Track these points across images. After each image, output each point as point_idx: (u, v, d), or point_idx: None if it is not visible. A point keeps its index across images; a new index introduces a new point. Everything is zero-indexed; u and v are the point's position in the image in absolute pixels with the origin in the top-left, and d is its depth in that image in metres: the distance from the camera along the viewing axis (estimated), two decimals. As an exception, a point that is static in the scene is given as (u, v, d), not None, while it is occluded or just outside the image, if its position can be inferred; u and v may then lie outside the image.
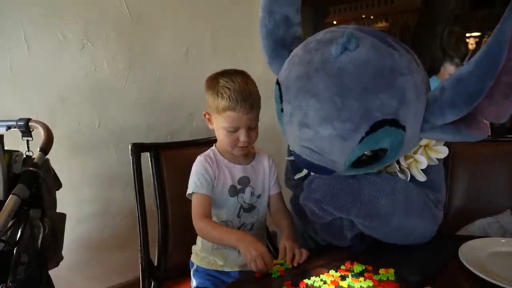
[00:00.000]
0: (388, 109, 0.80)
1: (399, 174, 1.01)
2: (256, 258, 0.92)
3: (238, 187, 1.15)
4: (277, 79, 0.95)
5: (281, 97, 0.92)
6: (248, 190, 1.17)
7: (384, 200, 0.96)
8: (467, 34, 4.94)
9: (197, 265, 1.22)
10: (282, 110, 0.92)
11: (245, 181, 1.17)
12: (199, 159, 1.15)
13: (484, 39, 5.20)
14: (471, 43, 5.13)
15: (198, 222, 1.07)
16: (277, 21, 0.98)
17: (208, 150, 1.19)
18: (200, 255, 1.21)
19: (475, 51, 4.19)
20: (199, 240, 1.23)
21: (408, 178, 1.02)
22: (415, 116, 0.84)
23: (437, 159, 1.03)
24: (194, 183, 1.10)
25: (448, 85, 0.80)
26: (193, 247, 1.26)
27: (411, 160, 1.02)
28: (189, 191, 1.12)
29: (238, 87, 1.06)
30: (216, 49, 2.13)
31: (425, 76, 0.88)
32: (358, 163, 0.88)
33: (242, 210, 1.17)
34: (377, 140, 0.83)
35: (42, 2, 1.62)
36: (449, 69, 3.36)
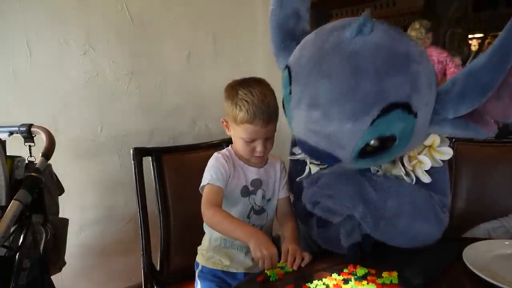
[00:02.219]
0: (401, 92, 0.79)
1: (404, 177, 1.01)
2: (266, 258, 0.92)
3: (251, 188, 1.16)
4: (286, 64, 0.94)
5: (290, 80, 0.90)
6: (259, 192, 1.17)
7: (391, 202, 0.95)
8: (470, 36, 4.94)
9: (202, 266, 1.22)
10: (290, 92, 0.90)
11: (257, 183, 1.17)
12: (216, 155, 1.16)
13: (487, 41, 5.19)
14: (474, 44, 5.13)
15: (209, 209, 1.06)
16: (287, 13, 0.98)
17: (225, 150, 1.20)
18: (206, 255, 1.21)
19: (478, 52, 4.19)
20: (205, 240, 1.23)
21: (414, 181, 1.01)
22: (426, 106, 0.83)
23: (441, 160, 1.02)
24: (210, 176, 1.10)
25: (460, 77, 0.79)
26: (199, 248, 1.26)
27: (415, 161, 1.01)
28: (203, 183, 1.11)
29: (256, 100, 1.05)
30: (218, 54, 2.13)
31: (433, 67, 0.88)
32: (365, 153, 0.86)
33: (252, 212, 1.17)
34: (389, 124, 0.81)
35: (44, 8, 1.63)
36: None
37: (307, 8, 1.00)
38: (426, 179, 1.01)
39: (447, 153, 1.01)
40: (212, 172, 1.11)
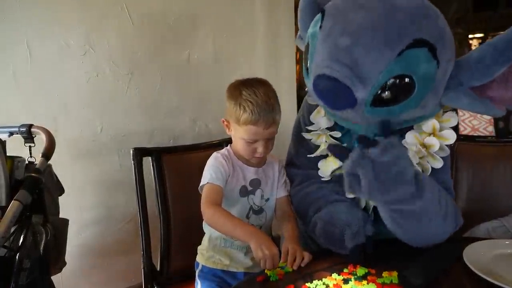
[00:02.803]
0: (431, 33, 0.84)
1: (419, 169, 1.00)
2: (267, 258, 0.92)
3: (249, 188, 1.16)
4: (321, 10, 0.96)
5: (322, 18, 0.92)
6: (258, 192, 1.18)
7: (428, 195, 0.89)
8: (470, 36, 4.94)
9: (202, 265, 1.22)
10: (320, 27, 0.91)
11: (256, 183, 1.17)
12: (215, 155, 1.16)
13: (487, 40, 5.17)
14: (474, 44, 5.12)
15: (209, 208, 1.05)
16: None
17: (224, 149, 1.20)
18: (206, 254, 1.21)
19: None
20: (205, 239, 1.23)
21: (428, 173, 1.00)
22: (447, 62, 0.87)
23: (443, 158, 1.02)
24: (210, 175, 1.10)
25: (479, 47, 0.86)
26: (199, 248, 1.26)
27: (424, 149, 1.01)
28: (203, 182, 1.11)
29: (260, 101, 1.05)
30: (218, 54, 2.13)
31: (452, 38, 0.93)
32: (380, 101, 0.87)
33: (251, 212, 1.17)
34: (414, 60, 0.84)
35: (44, 9, 1.63)
36: None
37: None
38: (438, 163, 1.00)
39: (451, 137, 1.00)
40: (212, 171, 1.11)
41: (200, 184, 1.12)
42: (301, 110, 1.23)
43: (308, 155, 1.15)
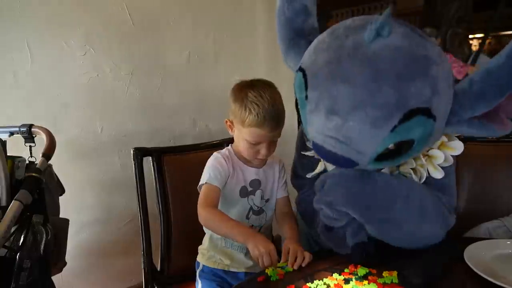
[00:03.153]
0: (422, 97, 0.78)
1: (413, 175, 1.00)
2: (264, 254, 0.92)
3: (249, 189, 1.17)
4: (300, 66, 0.91)
5: (305, 84, 0.87)
6: (258, 193, 1.18)
7: (400, 205, 0.94)
8: (470, 36, 4.93)
9: (203, 265, 1.22)
10: (306, 97, 0.88)
11: (256, 184, 1.18)
12: (216, 155, 1.16)
13: (487, 40, 5.18)
14: (475, 44, 5.12)
15: (205, 210, 1.05)
16: (296, 10, 0.96)
17: (224, 149, 1.20)
18: (207, 254, 1.21)
19: (478, 52, 4.18)
20: (206, 239, 1.23)
21: (423, 180, 1.00)
22: (445, 107, 0.83)
23: (451, 157, 1.01)
24: (208, 175, 1.10)
25: (477, 78, 0.80)
26: (199, 247, 1.26)
27: (426, 157, 1.00)
28: (201, 182, 1.11)
29: (267, 104, 1.04)
30: (218, 54, 2.13)
31: (450, 67, 0.87)
32: (382, 156, 0.86)
33: (251, 212, 1.17)
34: (409, 129, 0.80)
35: (45, 9, 1.63)
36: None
37: (314, 1, 0.98)
38: (438, 174, 0.99)
39: (458, 147, 0.99)
40: (211, 171, 1.11)
41: (199, 184, 1.12)
42: None
43: (307, 175, 1.15)
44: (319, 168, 1.10)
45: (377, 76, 0.77)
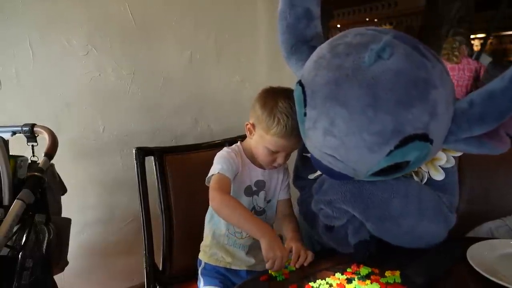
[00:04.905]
0: (419, 124, 0.78)
1: (414, 176, 1.00)
2: (277, 259, 0.91)
3: (254, 189, 1.16)
4: (300, 81, 0.90)
5: (305, 100, 0.87)
6: (262, 194, 1.18)
7: (397, 202, 0.94)
8: (472, 36, 4.93)
9: (205, 263, 1.22)
10: (305, 114, 0.88)
11: (261, 185, 1.17)
12: (227, 149, 1.15)
13: (489, 40, 5.18)
14: (476, 44, 5.12)
15: (220, 195, 1.02)
16: (298, 15, 0.94)
17: (234, 145, 1.19)
18: (209, 252, 1.21)
19: (480, 52, 4.18)
20: (208, 236, 1.23)
21: (424, 181, 1.00)
22: (443, 129, 0.82)
23: (453, 157, 1.02)
24: (221, 166, 1.08)
25: (478, 100, 0.79)
26: (201, 245, 1.25)
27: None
28: (212, 172, 1.08)
29: (295, 117, 1.01)
30: (220, 54, 2.13)
31: (452, 85, 0.86)
32: (378, 173, 0.87)
33: (253, 212, 1.17)
34: (405, 154, 0.81)
35: (47, 9, 1.63)
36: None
37: (318, 2, 0.95)
38: (439, 175, 0.99)
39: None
40: (223, 162, 1.09)
41: (209, 175, 1.10)
42: None
43: (309, 176, 1.15)
44: (319, 171, 1.10)
45: (375, 102, 0.77)
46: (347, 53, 0.82)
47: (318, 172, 1.11)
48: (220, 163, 1.09)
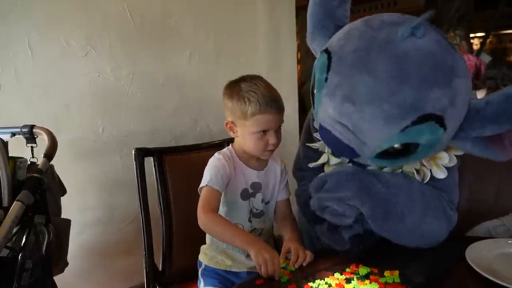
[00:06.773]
0: (439, 105, 0.80)
1: (416, 175, 1.00)
2: (268, 261, 0.90)
3: (250, 191, 1.16)
4: (327, 48, 0.91)
5: (328, 67, 0.88)
6: (259, 196, 1.17)
7: (403, 198, 0.95)
8: (471, 35, 4.93)
9: (205, 265, 1.22)
10: (326, 79, 0.88)
11: (257, 187, 1.17)
12: (218, 156, 1.14)
13: (488, 39, 5.18)
14: (476, 43, 5.12)
15: (205, 215, 1.03)
16: None
17: (225, 149, 1.18)
18: (209, 254, 1.21)
19: (479, 51, 4.18)
20: (208, 239, 1.23)
21: (426, 180, 1.00)
22: (456, 121, 0.84)
23: (456, 156, 1.02)
24: (210, 177, 1.08)
25: (495, 101, 0.81)
26: (202, 247, 1.25)
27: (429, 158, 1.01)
28: (202, 184, 1.09)
29: (263, 90, 1.05)
30: (219, 54, 2.14)
31: (471, 85, 0.87)
32: (383, 153, 0.87)
33: (251, 215, 1.17)
34: (419, 133, 0.82)
35: (46, 9, 1.63)
36: None
37: None
38: (441, 174, 0.99)
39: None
40: (212, 173, 1.09)
41: (200, 186, 1.10)
42: (310, 114, 1.23)
43: (309, 164, 1.15)
44: (322, 159, 1.11)
45: (401, 76, 0.79)
46: (381, 27, 0.85)
47: (319, 161, 1.11)
48: (209, 174, 1.09)
